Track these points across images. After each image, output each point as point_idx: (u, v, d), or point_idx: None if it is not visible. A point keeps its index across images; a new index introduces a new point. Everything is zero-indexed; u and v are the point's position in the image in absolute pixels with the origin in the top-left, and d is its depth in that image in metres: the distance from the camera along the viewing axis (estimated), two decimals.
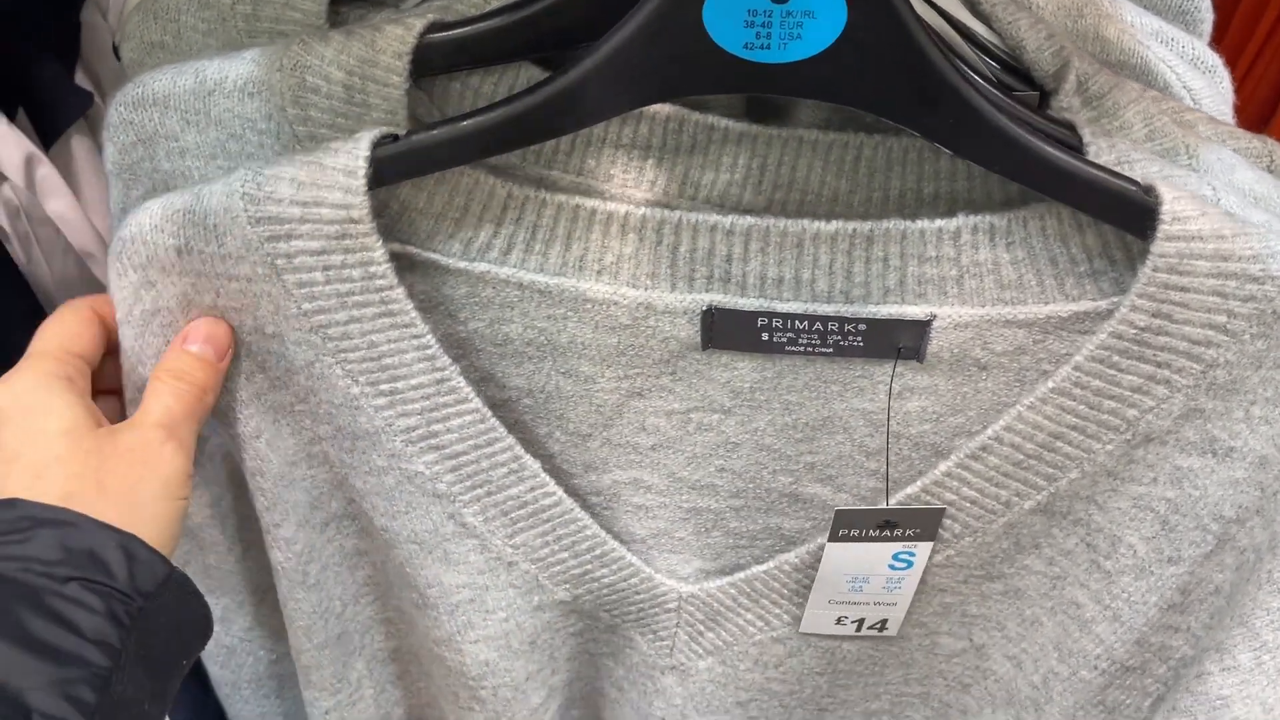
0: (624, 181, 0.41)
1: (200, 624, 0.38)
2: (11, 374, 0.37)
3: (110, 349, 0.40)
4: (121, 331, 0.39)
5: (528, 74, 0.41)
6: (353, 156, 0.36)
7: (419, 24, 0.38)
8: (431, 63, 0.39)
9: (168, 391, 0.38)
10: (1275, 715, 0.40)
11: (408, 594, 0.46)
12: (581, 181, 0.41)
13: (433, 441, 0.42)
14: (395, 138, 0.37)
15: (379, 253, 0.37)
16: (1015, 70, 0.42)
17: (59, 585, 0.32)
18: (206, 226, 0.37)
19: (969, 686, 0.51)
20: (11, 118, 0.47)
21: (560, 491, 0.44)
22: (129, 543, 0.34)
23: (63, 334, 0.38)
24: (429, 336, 0.39)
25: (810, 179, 0.41)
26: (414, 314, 0.38)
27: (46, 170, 0.48)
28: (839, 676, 0.51)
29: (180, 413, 0.38)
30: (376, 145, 0.36)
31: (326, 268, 0.37)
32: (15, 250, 0.48)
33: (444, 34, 0.38)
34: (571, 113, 0.36)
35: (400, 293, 0.38)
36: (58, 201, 0.48)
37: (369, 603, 0.48)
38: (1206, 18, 0.50)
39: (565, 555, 0.46)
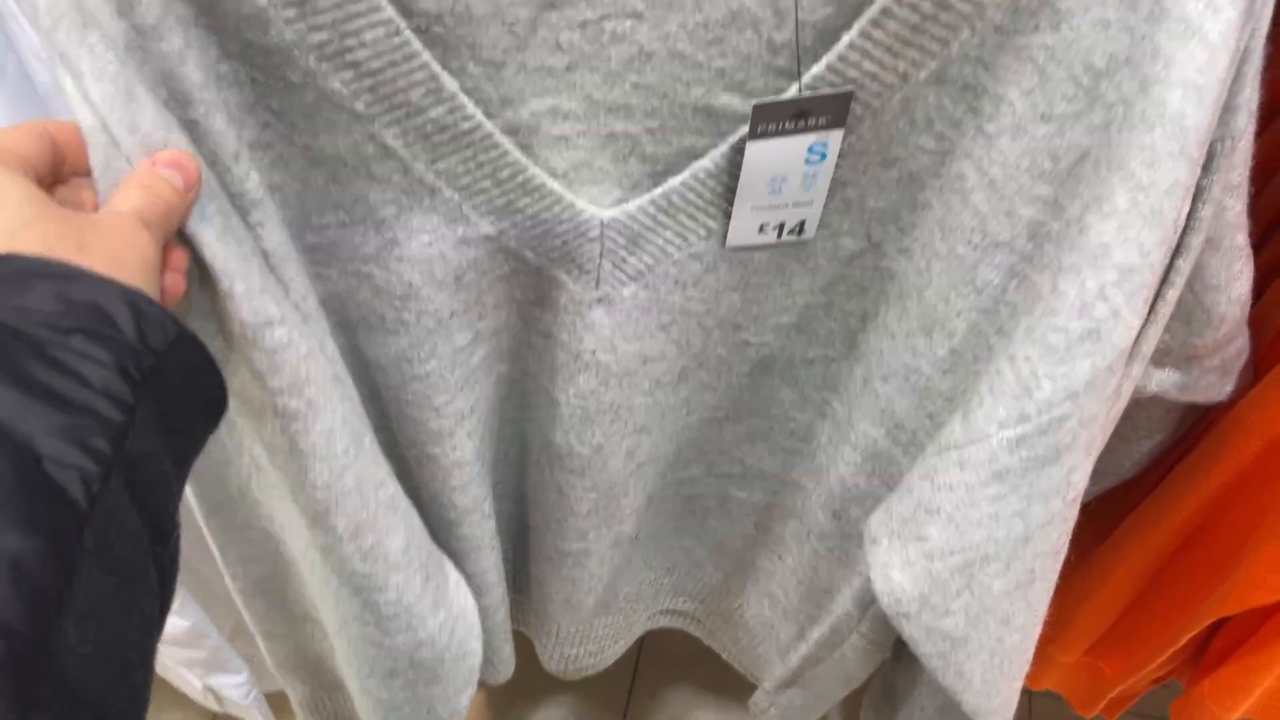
0: None
1: (215, 394, 0.37)
2: None
3: (59, 178, 0.37)
4: None
5: None
6: None
7: None
8: None
9: (138, 196, 0.36)
10: (1151, 259, 0.43)
11: (332, 216, 0.46)
12: None
13: (347, 58, 0.41)
14: None
15: None
16: None
17: (62, 337, 0.29)
18: None
19: (866, 290, 0.56)
20: None
21: (479, 115, 0.44)
22: (135, 298, 0.32)
23: (7, 137, 0.35)
24: None
25: None
26: None
27: None
28: (751, 290, 0.55)
29: (152, 216, 0.36)
30: None
31: None
32: None
33: None
34: None
35: None
36: None
37: (286, 237, 0.47)
38: None
39: (488, 184, 0.47)
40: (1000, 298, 0.50)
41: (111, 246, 0.33)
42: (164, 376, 0.32)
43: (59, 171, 0.37)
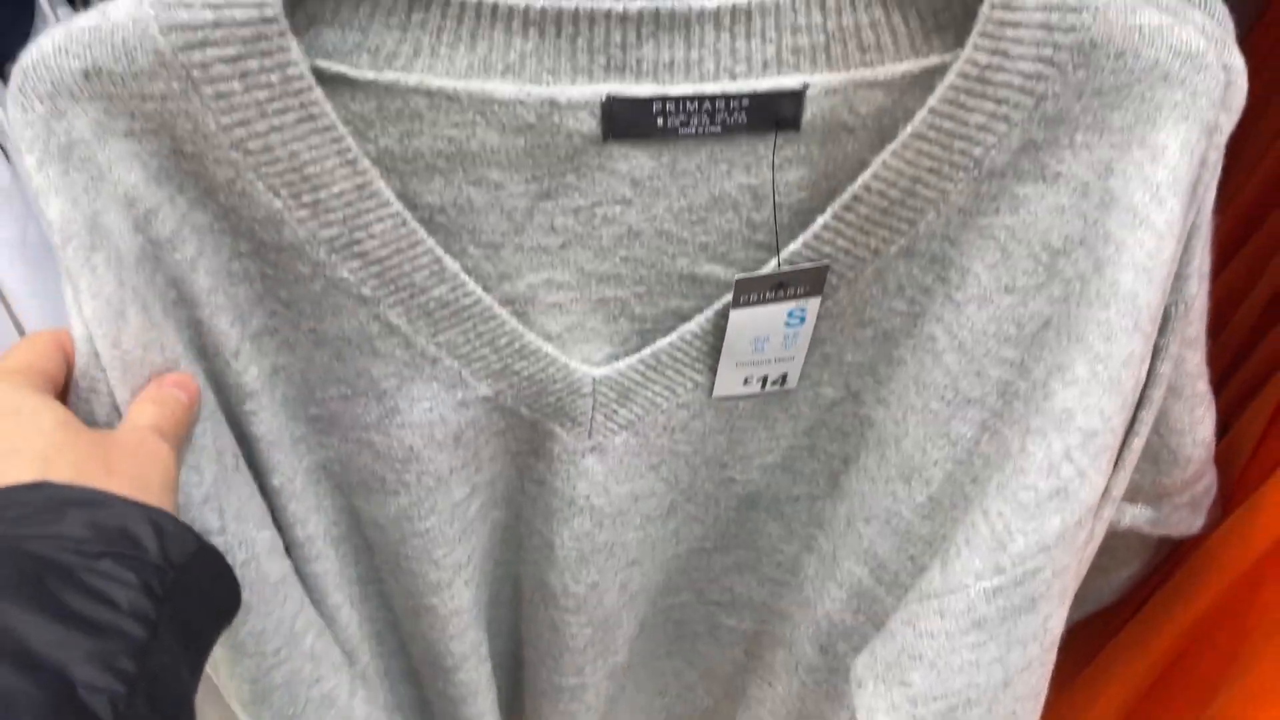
0: None
1: (229, 595, 0.40)
2: None
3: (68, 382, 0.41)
4: (43, 172, 0.38)
5: None
6: None
7: None
8: None
9: (153, 410, 0.39)
10: (1112, 423, 0.46)
11: (335, 390, 0.49)
12: None
13: (356, 249, 0.44)
14: None
15: (295, 53, 0.38)
16: None
17: (92, 562, 0.32)
18: (115, 43, 0.37)
19: (848, 435, 0.58)
20: None
21: (479, 290, 0.47)
22: (158, 517, 0.35)
23: (30, 354, 0.39)
24: (349, 140, 0.41)
25: None
26: (333, 118, 0.40)
27: None
28: (736, 433, 0.57)
29: (166, 427, 0.39)
30: None
31: (244, 74, 0.38)
32: None
33: None
34: None
35: (319, 94, 0.39)
36: None
37: (287, 417, 0.50)
38: None
39: (486, 351, 0.49)
40: (974, 450, 0.53)
41: (135, 465, 0.36)
42: (183, 588, 0.34)
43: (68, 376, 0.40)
